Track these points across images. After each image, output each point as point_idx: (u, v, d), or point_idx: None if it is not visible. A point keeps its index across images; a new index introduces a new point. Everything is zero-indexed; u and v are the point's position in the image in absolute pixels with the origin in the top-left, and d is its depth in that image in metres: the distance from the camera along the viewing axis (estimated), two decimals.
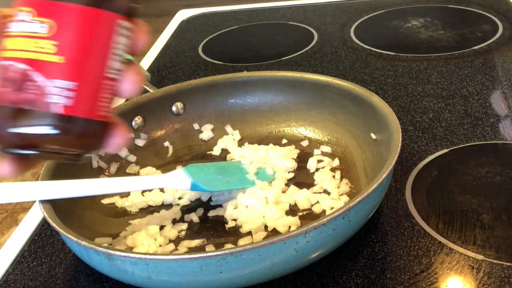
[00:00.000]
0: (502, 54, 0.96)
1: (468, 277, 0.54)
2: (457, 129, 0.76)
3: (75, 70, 0.36)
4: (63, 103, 0.36)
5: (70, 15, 0.36)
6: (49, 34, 0.35)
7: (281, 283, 0.56)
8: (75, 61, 0.36)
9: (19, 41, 0.35)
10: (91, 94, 0.37)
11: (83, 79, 0.36)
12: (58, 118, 0.36)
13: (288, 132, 0.78)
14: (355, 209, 0.52)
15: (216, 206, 0.66)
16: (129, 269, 0.51)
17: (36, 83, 0.35)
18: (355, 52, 1.03)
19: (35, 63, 0.35)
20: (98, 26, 0.36)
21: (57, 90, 0.35)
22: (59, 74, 0.35)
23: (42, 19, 0.35)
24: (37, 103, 0.35)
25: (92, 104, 0.37)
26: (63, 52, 0.35)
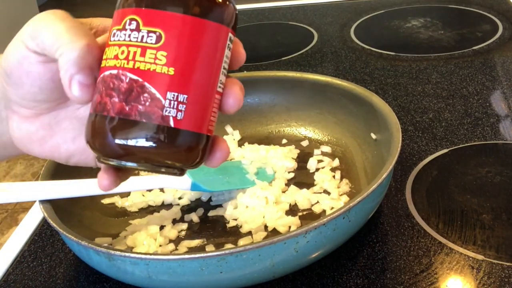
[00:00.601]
0: (502, 54, 0.96)
1: (468, 277, 0.54)
2: (457, 129, 0.76)
3: (186, 82, 0.34)
4: (173, 115, 0.34)
5: (183, 26, 0.34)
6: (158, 45, 0.34)
7: (281, 283, 0.56)
8: (187, 73, 0.34)
9: (127, 50, 0.34)
10: (201, 108, 0.36)
11: (194, 92, 0.35)
12: (168, 131, 0.34)
13: (288, 132, 0.78)
14: (355, 209, 0.52)
15: (216, 206, 0.66)
16: (129, 269, 0.51)
17: (147, 95, 0.34)
18: (355, 52, 1.03)
19: (146, 73, 0.34)
20: (211, 39, 0.35)
21: (168, 103, 0.34)
22: (171, 86, 0.34)
23: (151, 28, 0.34)
24: (147, 115, 0.34)
25: (201, 118, 0.36)
26: (174, 64, 0.34)
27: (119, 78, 0.34)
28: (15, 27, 1.03)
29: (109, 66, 0.35)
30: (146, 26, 0.34)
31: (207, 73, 0.35)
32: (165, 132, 0.34)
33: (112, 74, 0.35)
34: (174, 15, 0.34)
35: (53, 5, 3.94)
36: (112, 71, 0.35)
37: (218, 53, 0.36)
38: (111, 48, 0.35)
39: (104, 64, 0.35)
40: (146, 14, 0.34)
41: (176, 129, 0.35)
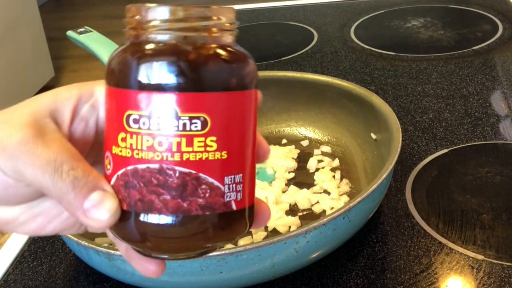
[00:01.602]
0: (502, 54, 0.96)
1: (468, 277, 0.54)
2: (457, 129, 0.76)
3: (240, 161, 0.32)
4: (234, 199, 0.32)
5: (225, 104, 0.31)
6: (205, 131, 0.30)
7: (281, 283, 0.56)
8: (239, 151, 0.32)
9: (169, 142, 0.30)
10: (252, 179, 0.34)
11: (247, 167, 0.33)
12: (230, 215, 0.32)
13: (288, 132, 0.78)
14: (355, 209, 0.52)
15: None
16: (129, 269, 0.51)
17: (205, 186, 0.31)
18: (355, 52, 1.03)
19: (198, 164, 0.30)
20: (250, 106, 0.32)
21: (228, 187, 0.31)
22: (227, 170, 0.31)
23: (193, 114, 0.30)
24: (209, 206, 0.31)
25: (253, 189, 0.34)
26: (225, 146, 0.31)
27: (164, 173, 0.30)
28: (15, 27, 1.03)
29: (144, 159, 0.31)
30: (186, 113, 0.30)
31: (251, 143, 0.33)
32: (228, 218, 0.32)
33: (153, 169, 0.30)
34: (216, 95, 0.31)
35: (53, 5, 3.94)
36: (151, 165, 0.30)
37: (254, 118, 0.33)
38: (136, 137, 0.31)
39: (129, 154, 0.31)
40: (183, 98, 0.30)
41: (237, 211, 0.32)
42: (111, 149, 0.32)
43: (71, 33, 0.95)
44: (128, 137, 0.31)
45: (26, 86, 2.58)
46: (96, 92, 0.34)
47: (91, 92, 0.34)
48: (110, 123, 0.32)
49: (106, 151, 0.32)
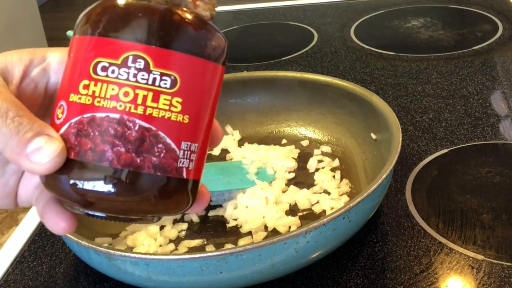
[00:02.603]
0: (502, 54, 0.96)
1: (468, 277, 0.54)
2: (457, 129, 0.76)
3: (198, 130, 0.32)
4: (186, 166, 0.32)
5: (196, 69, 0.31)
6: (173, 90, 0.30)
7: (281, 283, 0.56)
8: (198, 120, 0.32)
9: (133, 93, 0.30)
10: (204, 154, 0.34)
11: (202, 139, 0.33)
12: (179, 182, 0.32)
13: (288, 132, 0.78)
14: (355, 209, 0.52)
15: (216, 206, 0.66)
16: (129, 269, 0.51)
17: (162, 145, 0.30)
18: (355, 52, 1.03)
19: (160, 121, 0.30)
20: (217, 82, 0.33)
21: (183, 153, 0.31)
22: (185, 135, 0.31)
23: (165, 71, 0.30)
24: (161, 167, 0.31)
25: (202, 165, 0.34)
26: (188, 111, 0.31)
27: (124, 124, 0.30)
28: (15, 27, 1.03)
29: (104, 108, 0.30)
30: (159, 68, 0.30)
31: (209, 118, 0.33)
32: (176, 184, 0.32)
33: (112, 118, 0.30)
34: (189, 57, 0.31)
35: (53, 5, 3.94)
36: (111, 115, 0.30)
37: (217, 95, 0.33)
38: (101, 85, 0.30)
39: (89, 102, 0.30)
40: (158, 53, 0.30)
41: (186, 180, 0.32)
42: (67, 97, 0.31)
43: (71, 33, 0.95)
44: (92, 85, 0.30)
45: None
46: (49, 57, 0.35)
47: (44, 57, 0.35)
48: (72, 71, 0.31)
49: (59, 101, 0.32)
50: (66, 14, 3.79)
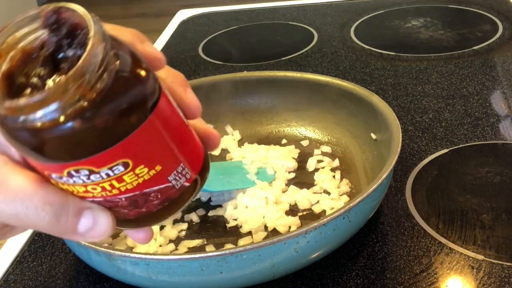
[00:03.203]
0: (502, 54, 0.96)
1: (468, 277, 0.54)
2: (457, 129, 0.76)
3: (175, 159, 0.32)
4: (185, 180, 0.33)
5: (139, 138, 0.30)
6: (129, 168, 0.30)
7: (281, 283, 0.56)
8: (172, 155, 0.32)
9: (100, 187, 0.30)
10: (194, 148, 0.35)
11: (185, 154, 0.33)
12: (188, 188, 0.34)
13: (288, 132, 0.78)
14: (355, 209, 0.52)
15: (216, 206, 0.66)
16: (129, 269, 0.51)
17: (155, 193, 0.32)
18: (355, 52, 1.03)
19: (138, 186, 0.31)
20: (162, 118, 0.31)
21: (175, 180, 0.33)
22: (168, 172, 0.32)
23: (110, 165, 0.29)
24: (164, 200, 0.33)
25: (198, 156, 0.35)
26: (155, 163, 0.31)
27: (111, 201, 0.31)
28: None
29: (86, 196, 0.31)
30: (102, 167, 0.29)
31: (183, 136, 0.33)
32: (184, 191, 0.34)
33: (98, 201, 0.31)
34: (123, 144, 0.29)
35: None
36: (95, 199, 0.31)
37: (173, 116, 0.32)
38: (68, 187, 0.30)
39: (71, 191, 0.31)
40: (92, 161, 0.29)
41: (192, 183, 0.34)
42: None
43: None
44: (60, 185, 0.30)
45: None
46: None
47: None
48: None
49: None
50: None
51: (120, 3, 3.91)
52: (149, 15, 3.62)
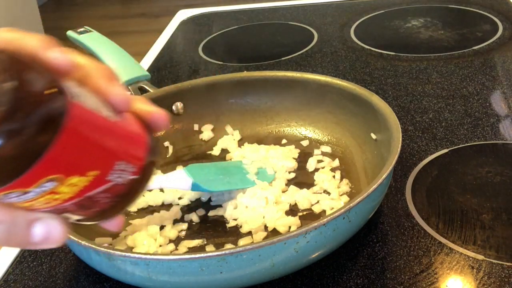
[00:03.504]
0: (502, 54, 0.96)
1: (468, 277, 0.54)
2: (457, 129, 0.76)
3: (111, 158, 0.32)
4: (131, 172, 0.34)
5: (57, 157, 0.29)
6: (60, 182, 0.30)
7: (281, 283, 0.56)
8: (105, 157, 0.32)
9: (38, 201, 0.30)
10: (134, 141, 0.35)
11: (121, 148, 0.33)
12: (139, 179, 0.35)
13: (288, 132, 0.78)
14: (355, 209, 0.52)
15: (216, 206, 0.66)
16: (129, 269, 0.51)
17: (100, 194, 0.33)
18: (355, 52, 1.03)
19: (79, 192, 0.31)
20: (78, 131, 0.30)
21: (119, 176, 0.33)
22: (106, 173, 0.32)
23: (38, 183, 0.29)
24: (114, 197, 0.34)
25: (140, 148, 0.35)
26: (87, 169, 0.31)
27: (58, 210, 0.32)
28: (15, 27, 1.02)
29: (55, 204, 0.31)
30: (31, 187, 0.29)
31: (113, 135, 0.33)
32: (135, 183, 0.35)
33: (50, 210, 0.32)
34: (43, 162, 0.28)
35: (53, 5, 3.94)
36: (59, 206, 0.32)
37: (95, 118, 0.31)
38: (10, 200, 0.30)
39: None
40: (19, 183, 0.29)
41: (142, 173, 0.35)
42: None
43: (71, 33, 0.95)
44: (7, 202, 0.30)
45: None
46: None
47: None
48: None
49: None
50: (66, 14, 3.79)
51: (120, 3, 3.91)
52: (149, 15, 3.62)
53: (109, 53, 0.89)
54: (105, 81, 0.34)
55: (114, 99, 0.33)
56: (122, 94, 0.34)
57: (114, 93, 0.34)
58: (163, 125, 0.37)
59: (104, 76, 0.34)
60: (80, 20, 3.34)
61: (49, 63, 0.30)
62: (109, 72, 0.35)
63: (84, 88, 0.32)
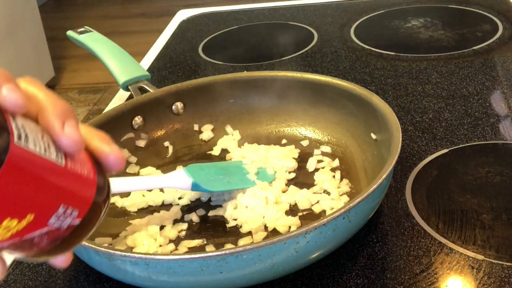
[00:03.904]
0: (502, 54, 0.96)
1: (468, 277, 0.54)
2: (457, 129, 0.76)
3: (52, 201, 0.31)
4: (73, 218, 0.33)
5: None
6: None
7: (281, 283, 0.56)
8: (45, 201, 0.31)
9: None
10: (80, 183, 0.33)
11: (65, 192, 0.32)
12: (82, 223, 0.34)
13: (288, 132, 0.78)
14: (355, 209, 0.52)
15: (216, 206, 0.66)
16: (129, 269, 0.51)
17: (36, 238, 0.31)
18: (355, 52, 1.03)
19: (16, 234, 0.30)
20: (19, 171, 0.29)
21: (59, 220, 0.32)
22: (46, 217, 0.31)
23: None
24: (52, 242, 0.32)
25: (85, 190, 0.34)
26: (26, 212, 0.30)
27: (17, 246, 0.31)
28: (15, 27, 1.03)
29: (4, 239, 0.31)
30: None
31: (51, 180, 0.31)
32: (77, 228, 0.34)
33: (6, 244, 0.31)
34: None
35: (53, 5, 3.94)
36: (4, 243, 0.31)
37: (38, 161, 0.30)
38: None
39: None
40: None
41: (84, 217, 0.34)
42: None
43: (71, 33, 0.95)
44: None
45: None
46: None
47: None
48: None
49: None
50: (66, 14, 3.79)
51: (120, 3, 3.91)
52: (149, 15, 3.62)
53: (109, 53, 0.89)
54: (59, 120, 0.32)
55: (65, 142, 0.32)
56: (73, 136, 0.32)
57: (65, 134, 0.32)
58: (117, 168, 0.35)
59: (59, 114, 0.32)
60: (80, 20, 3.34)
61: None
62: (65, 110, 0.33)
63: (35, 125, 0.31)
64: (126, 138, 0.74)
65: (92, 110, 2.62)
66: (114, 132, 0.73)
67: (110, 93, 2.66)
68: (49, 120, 0.32)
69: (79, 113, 2.60)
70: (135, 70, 0.86)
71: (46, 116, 0.32)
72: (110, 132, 0.37)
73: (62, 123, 0.32)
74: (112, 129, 0.72)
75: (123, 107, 0.75)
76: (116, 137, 0.73)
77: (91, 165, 0.34)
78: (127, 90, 0.85)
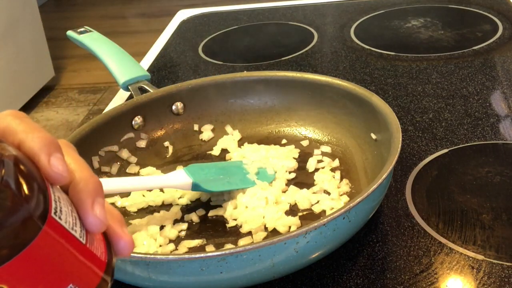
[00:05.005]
0: (502, 54, 0.96)
1: (468, 277, 0.54)
2: (457, 129, 0.76)
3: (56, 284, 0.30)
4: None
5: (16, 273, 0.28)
6: None
7: (281, 283, 0.56)
8: (55, 279, 0.30)
9: None
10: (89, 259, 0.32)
11: (77, 271, 0.31)
12: None
13: (288, 132, 0.78)
14: (355, 209, 0.52)
15: (216, 206, 0.66)
16: (129, 269, 0.51)
17: None
18: (355, 52, 1.03)
19: None
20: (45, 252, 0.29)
21: None
22: None
23: None
24: None
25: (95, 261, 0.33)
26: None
27: None
28: (15, 27, 1.03)
29: None
30: None
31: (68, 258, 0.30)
32: None
33: None
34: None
35: (53, 5, 3.94)
36: None
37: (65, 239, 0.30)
38: None
39: None
40: None
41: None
42: None
43: (71, 33, 0.95)
44: None
45: (26, 86, 2.58)
46: None
47: None
48: None
49: None
50: (66, 14, 3.79)
51: (120, 3, 3.91)
52: (149, 15, 3.62)
53: (109, 53, 0.89)
54: (90, 198, 0.31)
55: (92, 221, 0.31)
56: (102, 217, 0.31)
57: (94, 215, 0.31)
58: (124, 254, 0.34)
59: (91, 192, 0.32)
60: (80, 20, 3.35)
61: (45, 169, 0.29)
62: (96, 187, 0.32)
63: (66, 197, 0.31)
64: (126, 138, 0.74)
65: (92, 110, 2.62)
66: (114, 132, 0.73)
67: (110, 93, 2.66)
68: (81, 197, 0.31)
69: (79, 113, 2.60)
70: (135, 70, 0.86)
71: (78, 192, 0.31)
72: (110, 132, 0.37)
73: (92, 202, 0.31)
74: (112, 129, 0.72)
75: (123, 107, 0.75)
76: (116, 137, 0.73)
77: (104, 245, 0.33)
78: (127, 90, 0.85)
